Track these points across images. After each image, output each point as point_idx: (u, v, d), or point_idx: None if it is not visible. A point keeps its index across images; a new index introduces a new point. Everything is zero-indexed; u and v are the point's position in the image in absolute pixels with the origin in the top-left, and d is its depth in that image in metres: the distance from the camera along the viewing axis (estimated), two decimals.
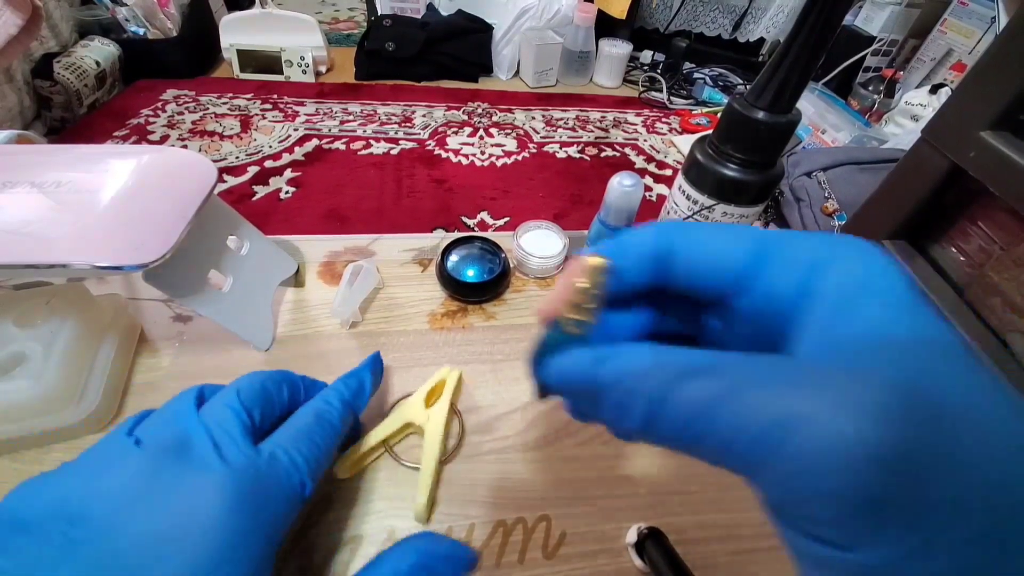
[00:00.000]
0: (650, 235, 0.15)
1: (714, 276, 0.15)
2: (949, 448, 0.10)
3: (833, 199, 0.70)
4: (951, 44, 0.94)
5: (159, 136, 0.84)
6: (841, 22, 0.25)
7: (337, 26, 1.38)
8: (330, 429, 0.23)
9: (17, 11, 0.63)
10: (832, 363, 0.11)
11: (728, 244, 0.15)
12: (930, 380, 0.10)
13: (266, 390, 0.23)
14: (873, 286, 0.12)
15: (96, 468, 0.19)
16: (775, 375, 0.11)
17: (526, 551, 0.25)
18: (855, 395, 0.10)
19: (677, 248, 0.15)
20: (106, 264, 0.24)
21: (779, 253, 0.14)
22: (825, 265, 0.13)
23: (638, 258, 0.15)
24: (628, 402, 0.13)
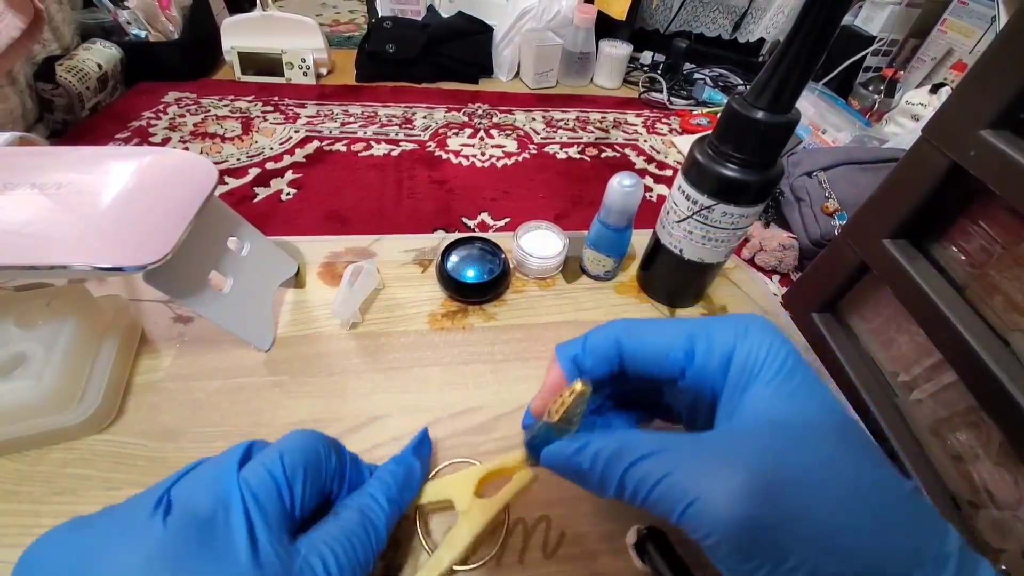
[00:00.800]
0: (606, 340, 0.21)
1: (655, 371, 0.20)
2: (787, 512, 0.15)
3: (834, 199, 0.70)
4: (951, 43, 0.94)
5: (161, 138, 0.84)
6: (840, 22, 0.25)
7: (338, 28, 1.38)
8: (374, 537, 0.20)
9: (19, 14, 0.63)
10: (724, 447, 0.17)
11: (662, 347, 0.20)
12: (784, 459, 0.16)
13: (315, 455, 0.21)
14: (762, 374, 0.18)
15: (115, 538, 0.17)
16: (689, 462, 0.17)
17: (526, 551, 0.25)
18: (728, 482, 0.15)
19: (624, 349, 0.20)
20: (107, 265, 0.24)
21: (701, 349, 0.19)
22: (731, 355, 0.19)
23: (595, 360, 0.21)
24: (604, 483, 0.18)
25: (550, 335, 0.36)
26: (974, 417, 0.40)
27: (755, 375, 0.18)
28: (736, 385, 0.18)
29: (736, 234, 0.33)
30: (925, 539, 0.15)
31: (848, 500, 0.15)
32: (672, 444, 0.18)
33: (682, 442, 0.18)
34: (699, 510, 0.16)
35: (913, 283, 0.44)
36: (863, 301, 0.53)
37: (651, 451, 0.17)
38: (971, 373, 0.39)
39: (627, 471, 0.17)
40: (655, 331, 0.20)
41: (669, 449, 0.17)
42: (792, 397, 0.18)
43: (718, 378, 0.19)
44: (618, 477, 0.17)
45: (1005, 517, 0.37)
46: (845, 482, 0.15)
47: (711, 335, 0.19)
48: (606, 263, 0.39)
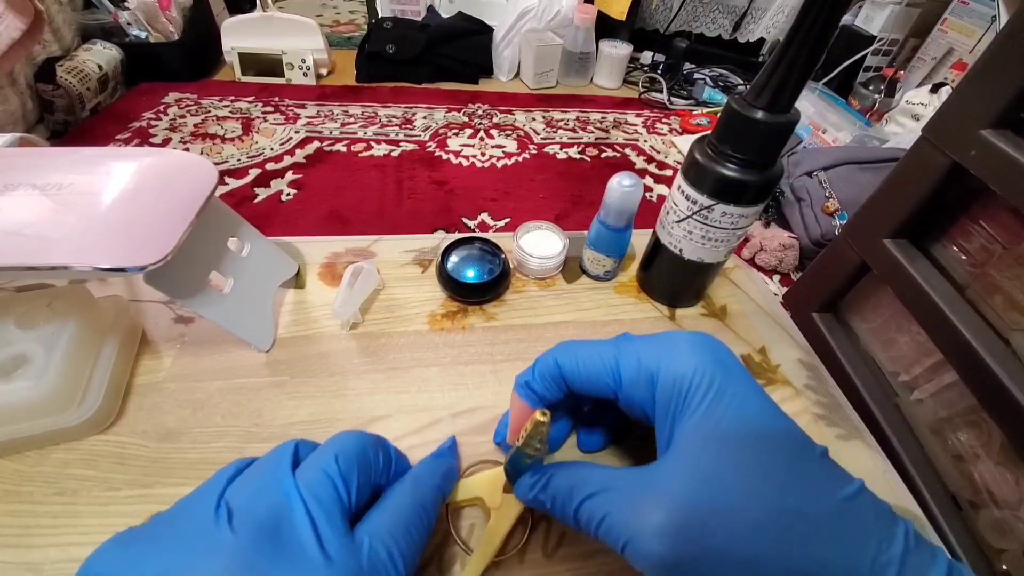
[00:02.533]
0: (548, 365, 0.22)
1: (594, 391, 0.21)
2: (708, 547, 0.16)
3: (834, 198, 0.70)
4: (952, 43, 0.94)
5: (161, 139, 0.84)
6: (840, 21, 0.25)
7: (338, 29, 1.38)
8: (427, 520, 0.21)
9: (20, 15, 0.63)
10: (654, 484, 0.18)
11: (595, 369, 0.21)
12: (704, 492, 0.17)
13: (365, 454, 0.21)
14: (690, 401, 0.18)
15: (186, 551, 0.16)
16: (625, 501, 0.18)
17: (526, 551, 0.25)
18: (652, 522, 0.17)
19: (564, 371, 0.22)
20: (107, 266, 0.24)
21: (627, 373, 0.20)
22: (655, 379, 0.19)
23: (544, 386, 0.22)
24: (564, 518, 0.20)
25: (550, 335, 0.36)
26: (975, 417, 0.40)
27: (684, 401, 0.18)
28: (666, 410, 0.19)
29: (736, 234, 0.33)
30: (860, 551, 0.15)
31: (769, 526, 0.16)
32: (613, 483, 0.19)
33: (622, 480, 0.19)
34: (633, 549, 0.17)
35: (913, 283, 0.44)
36: (864, 301, 0.53)
37: (594, 491, 0.19)
38: (972, 373, 0.39)
39: (577, 510, 0.19)
40: (589, 353, 0.21)
41: (609, 488, 0.19)
42: (718, 422, 0.18)
43: (646, 401, 0.20)
44: (572, 514, 0.19)
45: (1006, 517, 0.37)
46: (766, 506, 0.16)
47: (638, 358, 0.20)
48: (606, 263, 0.39)
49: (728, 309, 0.40)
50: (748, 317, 0.40)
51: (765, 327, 0.39)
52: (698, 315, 0.39)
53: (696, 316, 0.39)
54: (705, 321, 0.39)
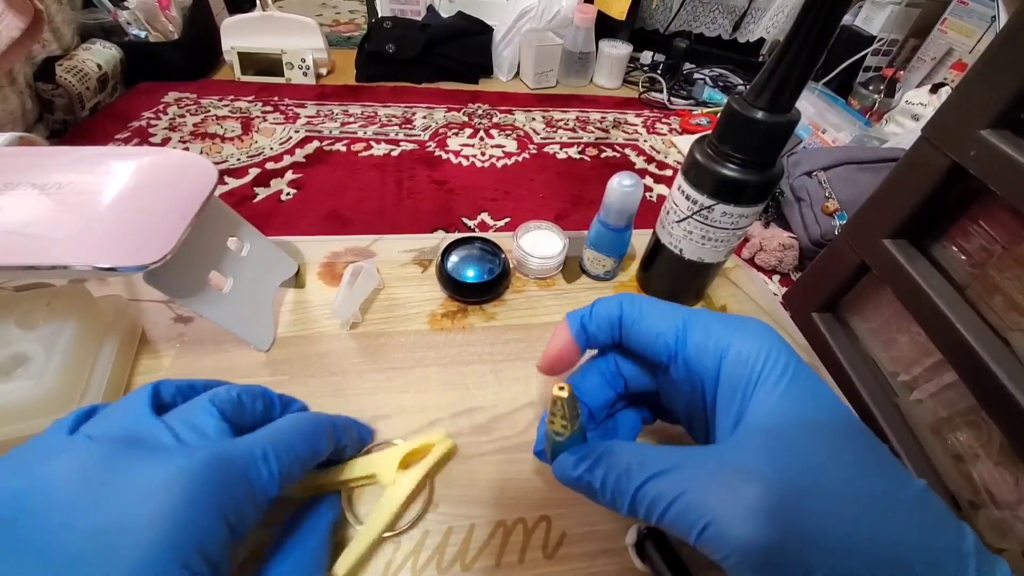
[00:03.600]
0: (609, 307, 0.21)
1: (648, 349, 0.20)
2: (806, 529, 0.14)
3: (834, 198, 0.70)
4: (951, 43, 0.94)
5: (160, 139, 0.84)
6: (840, 21, 0.25)
7: (338, 28, 1.38)
8: (309, 438, 0.21)
9: (19, 15, 0.63)
10: (736, 461, 0.16)
11: (658, 326, 0.20)
12: (797, 472, 0.15)
13: (240, 402, 0.21)
14: (765, 379, 0.17)
15: (34, 462, 0.17)
16: (702, 479, 0.16)
17: (526, 551, 0.25)
18: (743, 501, 0.15)
19: (624, 320, 0.21)
20: (107, 265, 0.24)
21: (695, 338, 0.19)
22: (725, 352, 0.18)
23: (598, 326, 0.21)
24: (616, 501, 0.18)
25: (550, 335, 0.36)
26: (974, 417, 0.40)
27: (757, 380, 0.17)
28: (734, 388, 0.18)
29: (736, 234, 0.33)
30: (943, 539, 0.15)
31: (865, 509, 0.15)
32: (684, 459, 0.17)
33: (694, 457, 0.17)
34: (716, 532, 0.15)
35: (913, 283, 0.44)
36: (863, 301, 0.53)
37: (663, 468, 0.17)
38: (971, 373, 0.39)
39: (639, 490, 0.17)
40: (655, 309, 0.20)
41: (681, 465, 0.17)
42: (798, 403, 0.17)
43: (708, 373, 0.19)
44: (630, 496, 0.17)
45: (1005, 517, 0.37)
46: (860, 490, 0.15)
47: (708, 327, 0.19)
48: (606, 263, 0.39)
49: (728, 309, 0.40)
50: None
51: None
52: None
53: None
54: None
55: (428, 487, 0.27)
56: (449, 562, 0.24)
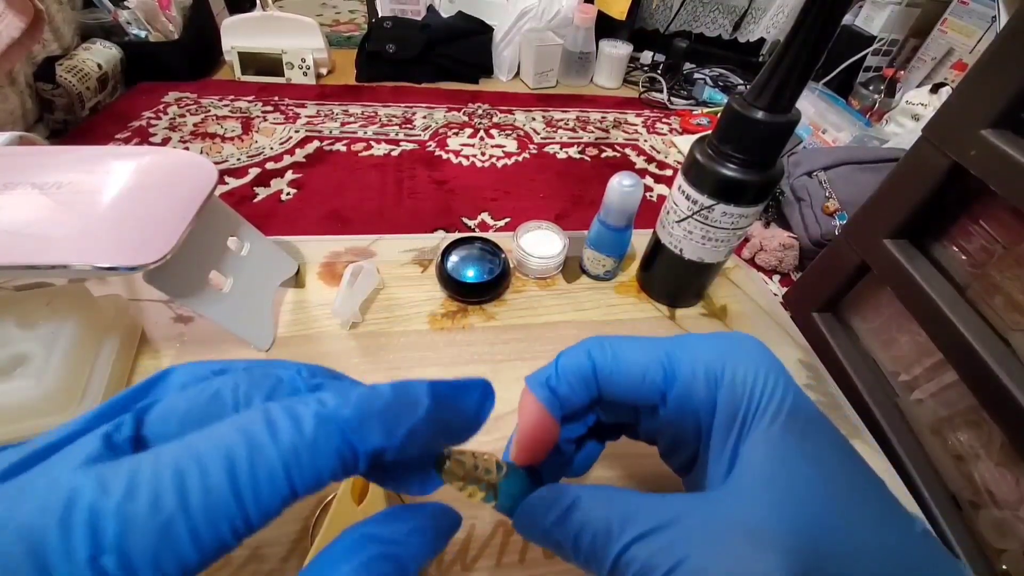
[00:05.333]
0: (577, 360, 0.17)
1: (634, 394, 0.17)
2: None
3: (834, 198, 0.70)
4: (951, 43, 0.94)
5: (161, 139, 0.84)
6: (840, 21, 0.25)
7: (338, 28, 1.38)
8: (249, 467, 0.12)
9: (20, 15, 0.63)
10: (746, 517, 0.13)
11: (639, 366, 0.17)
12: (815, 536, 0.13)
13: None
14: (762, 413, 0.15)
15: None
16: (707, 539, 0.13)
17: (527, 551, 0.25)
18: (763, 572, 0.12)
19: (599, 369, 0.17)
20: (107, 265, 0.24)
21: (684, 370, 0.16)
22: (719, 379, 0.16)
23: (569, 386, 0.17)
24: (591, 564, 0.14)
25: (550, 335, 0.36)
26: (975, 417, 0.40)
27: (755, 412, 0.15)
28: (730, 420, 0.16)
29: (736, 234, 0.33)
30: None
31: (883, 567, 0.13)
32: (678, 514, 0.14)
33: (690, 510, 0.14)
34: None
35: (913, 283, 0.44)
36: (864, 301, 0.53)
37: (652, 526, 0.14)
38: (972, 373, 0.39)
39: (623, 554, 0.14)
40: (631, 347, 0.17)
41: (675, 522, 0.14)
42: (800, 441, 0.15)
43: (703, 407, 0.16)
44: (610, 562, 0.14)
45: (1006, 517, 0.37)
46: (877, 547, 0.13)
47: (695, 354, 0.17)
48: (606, 263, 0.39)
49: (728, 309, 0.40)
50: (748, 317, 0.40)
51: (765, 327, 0.39)
52: (698, 315, 0.39)
53: (696, 316, 0.39)
54: (705, 321, 0.39)
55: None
56: (449, 562, 0.24)
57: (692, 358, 0.17)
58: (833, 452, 0.15)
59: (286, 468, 0.11)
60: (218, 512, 0.11)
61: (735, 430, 0.15)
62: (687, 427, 0.17)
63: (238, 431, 0.11)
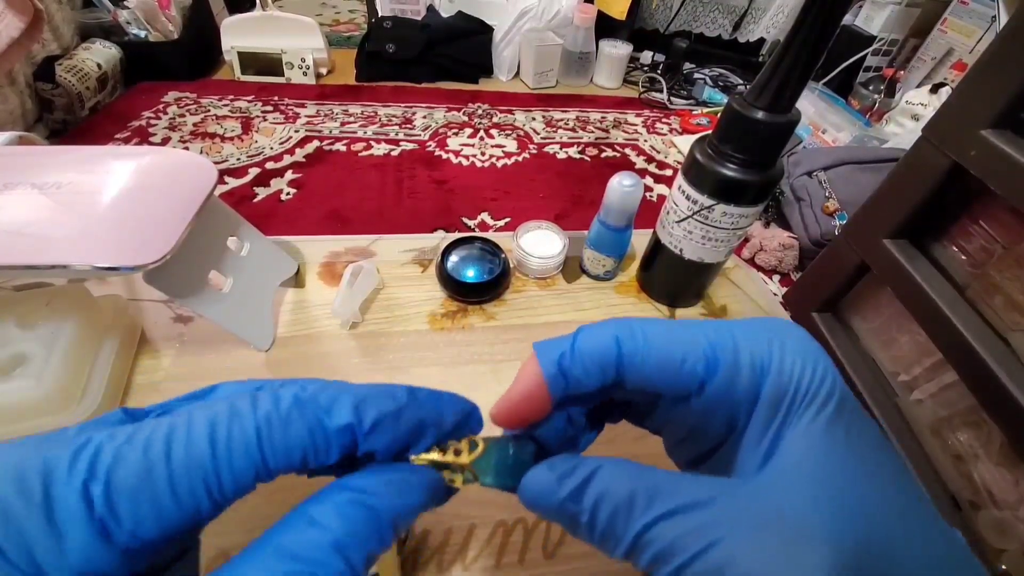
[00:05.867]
0: (600, 343, 0.16)
1: (665, 384, 0.15)
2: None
3: (834, 198, 0.70)
4: (951, 43, 0.94)
5: (160, 138, 0.84)
6: (840, 21, 0.25)
7: (338, 28, 1.38)
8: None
9: (19, 14, 0.63)
10: (787, 507, 0.13)
11: (676, 355, 0.15)
12: (865, 537, 0.12)
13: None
14: (807, 404, 0.14)
15: None
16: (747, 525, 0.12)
17: (526, 551, 0.25)
18: (811, 565, 0.11)
19: (625, 355, 0.15)
20: (106, 265, 0.24)
21: (726, 359, 0.15)
22: (766, 371, 0.15)
23: (584, 369, 0.16)
24: (608, 540, 0.14)
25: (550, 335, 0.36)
26: (975, 417, 0.40)
27: (800, 403, 0.14)
28: (771, 412, 0.14)
29: (736, 234, 0.33)
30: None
31: (929, 570, 0.13)
32: (712, 494, 0.13)
33: (727, 492, 0.13)
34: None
35: (913, 283, 0.44)
36: (863, 301, 0.53)
37: (682, 504, 0.13)
38: (972, 373, 0.39)
39: (646, 532, 0.13)
40: (665, 334, 0.15)
41: (711, 502, 0.13)
42: (846, 438, 0.14)
43: (744, 400, 0.15)
44: (630, 538, 0.13)
45: (1006, 517, 0.37)
46: (926, 555, 0.13)
47: (738, 343, 0.15)
48: (606, 263, 0.39)
49: (728, 309, 0.40)
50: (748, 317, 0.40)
51: None
52: (698, 315, 0.39)
53: (696, 316, 0.39)
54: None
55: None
56: (449, 562, 0.24)
57: (736, 346, 0.15)
58: (878, 453, 0.14)
59: (258, 435, 0.13)
60: (194, 466, 0.12)
61: (777, 420, 0.14)
62: (718, 417, 0.16)
63: (227, 404, 0.13)
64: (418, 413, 0.15)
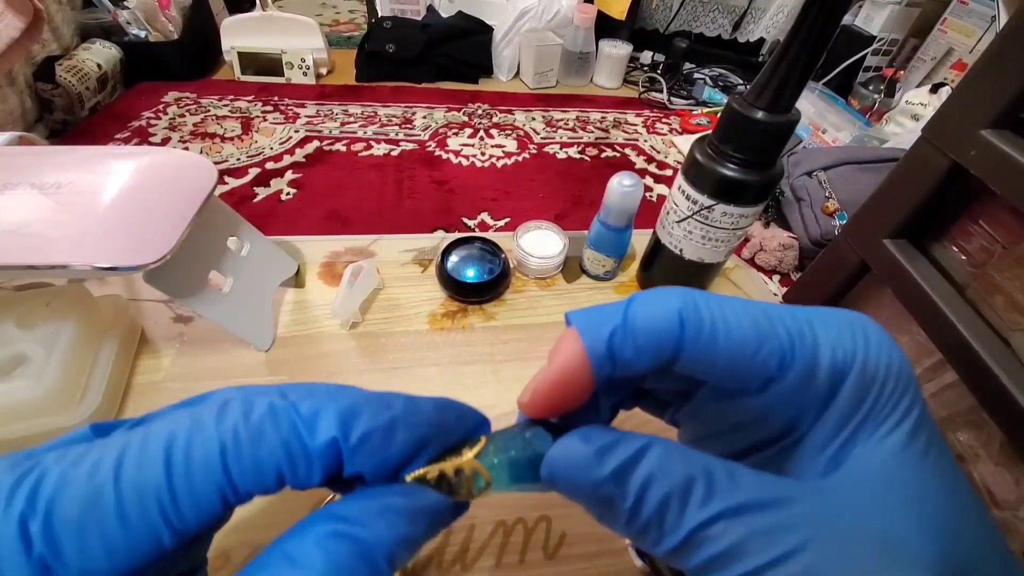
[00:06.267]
0: (661, 315, 0.13)
1: (731, 376, 0.13)
2: None
3: (834, 198, 0.70)
4: (951, 43, 0.94)
5: (160, 138, 0.84)
6: (840, 21, 0.25)
7: (338, 28, 1.38)
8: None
9: (19, 14, 0.63)
10: (873, 521, 0.11)
11: (750, 343, 0.12)
12: (958, 562, 0.11)
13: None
14: (888, 411, 0.12)
15: None
16: (830, 534, 0.11)
17: (526, 551, 0.25)
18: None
19: (688, 338, 0.12)
20: (106, 265, 0.24)
21: (804, 356, 0.12)
22: (847, 370, 0.13)
23: (637, 349, 0.13)
24: (652, 532, 0.12)
25: (550, 335, 0.36)
26: (975, 417, 0.40)
27: (879, 410, 0.12)
28: (845, 417, 0.13)
29: (736, 234, 0.33)
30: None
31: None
32: (787, 494, 0.11)
33: (800, 495, 0.12)
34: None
35: (913, 283, 0.44)
36: (863, 301, 0.53)
37: (755, 500, 0.11)
38: (972, 373, 0.39)
39: (709, 525, 0.11)
40: (739, 316, 0.13)
41: (786, 503, 0.11)
42: (925, 455, 0.12)
43: (816, 402, 0.13)
44: (686, 531, 0.11)
45: (1006, 517, 0.37)
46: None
47: (818, 338, 0.13)
48: (606, 263, 0.39)
49: None
50: None
51: None
52: None
53: None
54: None
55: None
56: (449, 562, 0.24)
57: (816, 340, 0.13)
58: (955, 473, 0.13)
59: (223, 451, 0.11)
60: (147, 489, 0.10)
61: (852, 425, 0.12)
62: (778, 417, 0.13)
63: (189, 414, 0.11)
64: (417, 427, 0.13)
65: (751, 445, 0.14)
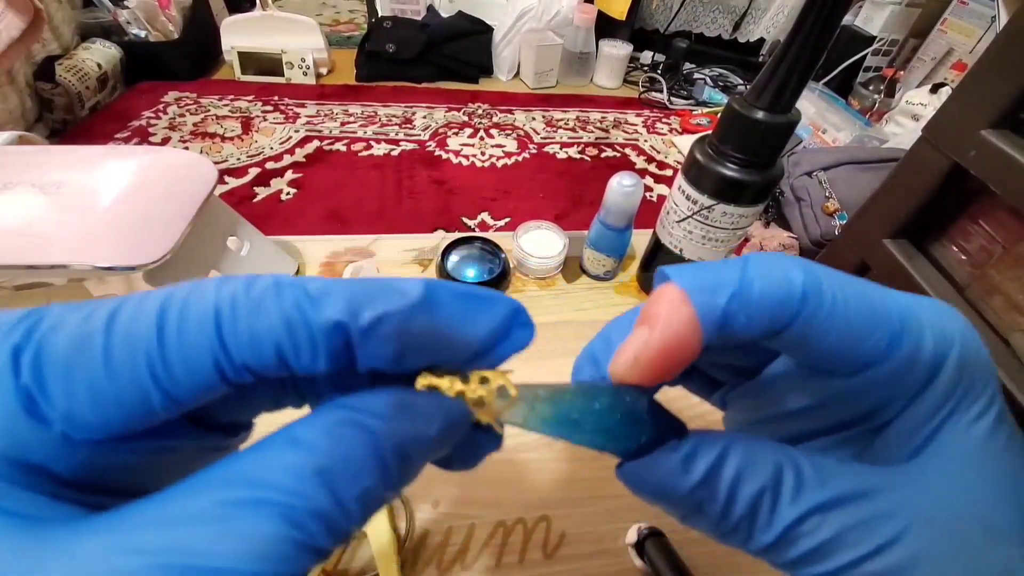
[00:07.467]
0: (783, 278, 0.11)
1: (833, 358, 0.12)
2: None
3: (834, 198, 0.70)
4: (951, 43, 0.94)
5: (160, 138, 0.84)
6: (840, 22, 0.25)
7: (338, 28, 1.38)
8: None
9: (19, 14, 0.63)
10: (977, 513, 0.11)
11: (863, 330, 0.12)
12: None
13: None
14: (975, 402, 0.12)
15: None
16: (930, 529, 0.10)
17: (526, 551, 0.25)
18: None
19: (806, 311, 0.11)
20: (106, 264, 0.24)
21: (910, 342, 0.12)
22: (944, 359, 0.12)
23: (750, 315, 0.11)
24: (740, 533, 0.11)
25: (550, 335, 0.36)
26: None
27: (970, 397, 0.12)
28: (935, 406, 0.12)
29: (736, 234, 0.33)
30: None
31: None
32: (878, 482, 0.11)
33: (889, 483, 0.11)
34: None
35: (913, 283, 0.44)
36: None
37: (846, 490, 0.11)
38: None
39: (805, 519, 0.11)
40: (859, 295, 0.12)
41: (878, 492, 0.11)
42: (1010, 445, 0.12)
43: (912, 388, 0.12)
44: (782, 527, 0.11)
45: None
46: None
47: (922, 322, 0.12)
48: (606, 263, 0.39)
49: None
50: None
51: None
52: None
53: None
54: None
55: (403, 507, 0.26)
56: (449, 562, 0.24)
57: (921, 324, 0.12)
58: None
59: (217, 314, 0.10)
60: (137, 337, 0.10)
61: (943, 412, 0.12)
62: (866, 400, 0.13)
63: (192, 282, 0.11)
64: (437, 321, 0.11)
65: (818, 429, 0.14)
